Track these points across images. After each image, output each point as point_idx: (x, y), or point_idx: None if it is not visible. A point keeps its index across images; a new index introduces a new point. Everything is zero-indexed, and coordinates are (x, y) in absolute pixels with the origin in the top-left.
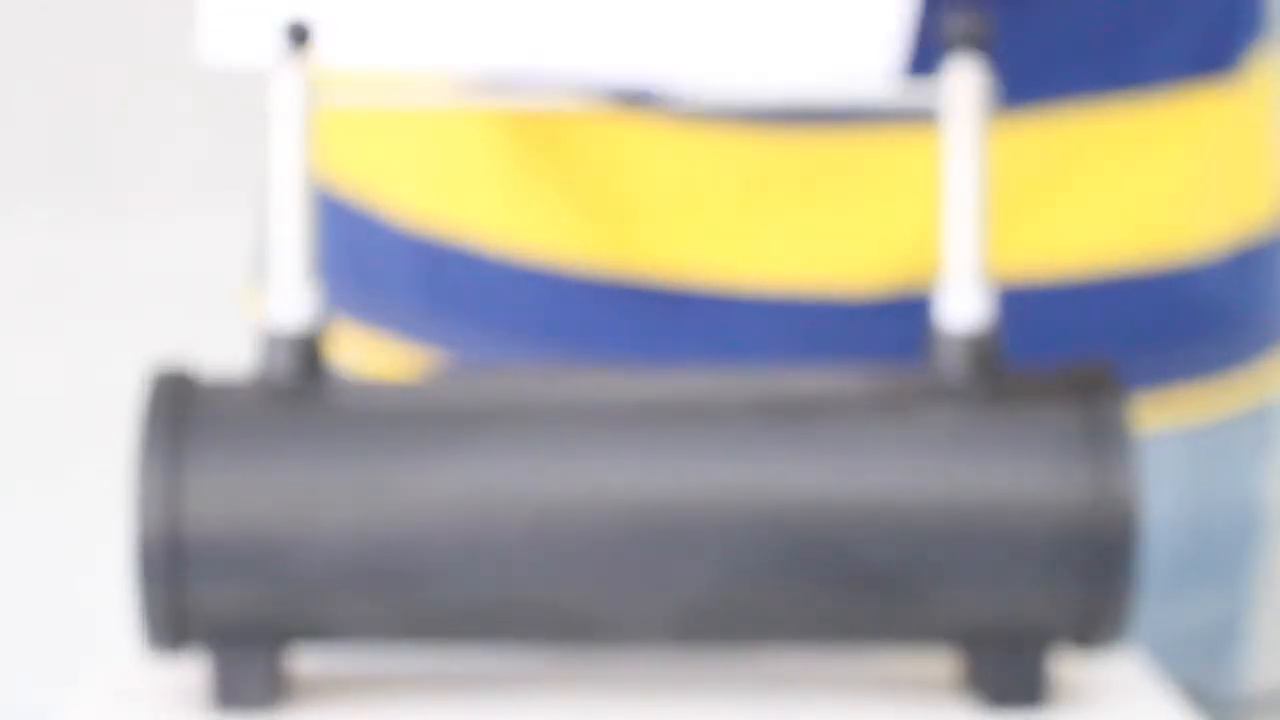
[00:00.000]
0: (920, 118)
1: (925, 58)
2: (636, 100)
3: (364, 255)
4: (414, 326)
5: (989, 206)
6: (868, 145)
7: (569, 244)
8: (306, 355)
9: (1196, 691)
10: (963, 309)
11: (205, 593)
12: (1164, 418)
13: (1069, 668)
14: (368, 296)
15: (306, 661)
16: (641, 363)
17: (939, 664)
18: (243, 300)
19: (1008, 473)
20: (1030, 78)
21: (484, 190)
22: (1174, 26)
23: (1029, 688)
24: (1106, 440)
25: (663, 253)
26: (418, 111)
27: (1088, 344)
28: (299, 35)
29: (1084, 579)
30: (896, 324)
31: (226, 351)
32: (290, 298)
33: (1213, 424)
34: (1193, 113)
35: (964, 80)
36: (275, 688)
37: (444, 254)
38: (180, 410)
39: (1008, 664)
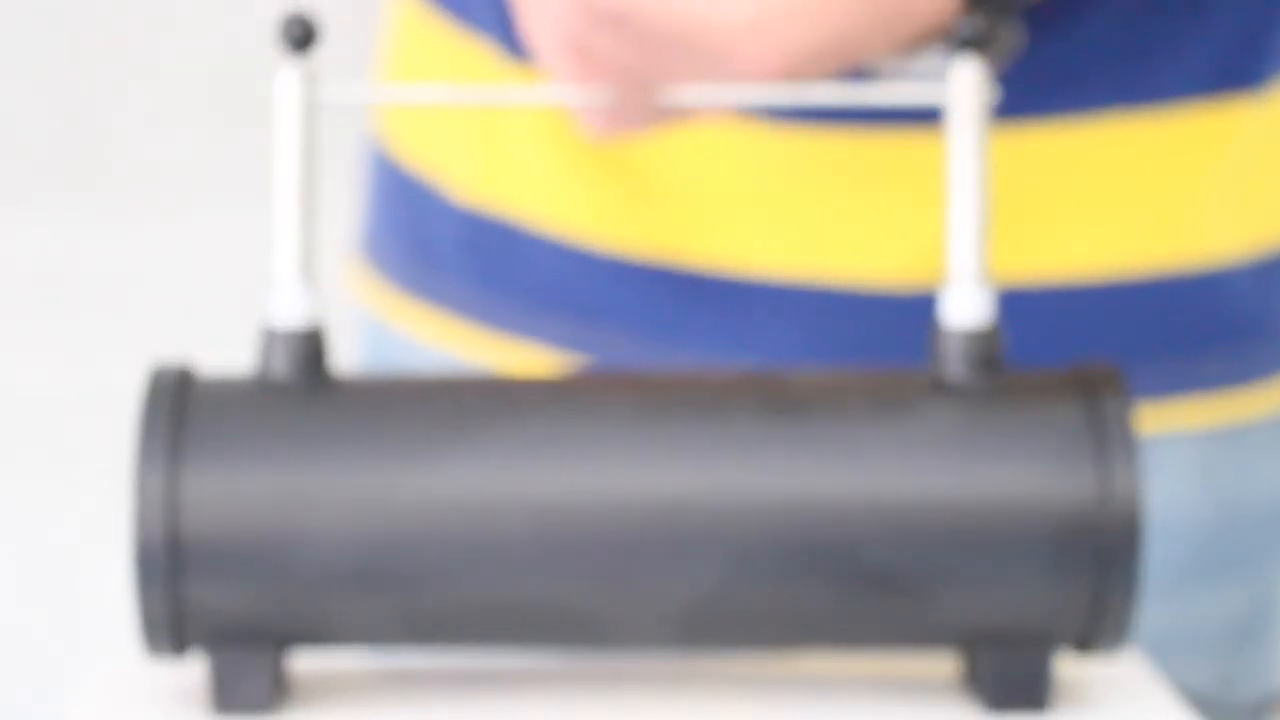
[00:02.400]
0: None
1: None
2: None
3: (423, 231)
4: (461, 302)
5: (991, 207)
6: (894, 145)
7: (606, 226)
8: (306, 354)
9: (1226, 686)
10: (965, 308)
11: (204, 594)
12: (1190, 419)
13: (1071, 668)
14: (424, 272)
15: (306, 662)
16: (667, 345)
17: (942, 665)
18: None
19: (1011, 473)
20: (1055, 87)
21: (533, 171)
22: (1200, 42)
23: (1032, 690)
24: (1110, 440)
25: (693, 239)
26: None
27: (1111, 349)
28: (300, 35)
29: (1087, 580)
30: (917, 320)
31: (226, 351)
32: (290, 296)
33: (1240, 424)
34: (1219, 126)
35: (967, 81)
36: (275, 689)
37: (492, 231)
38: (179, 410)
39: (1011, 666)
